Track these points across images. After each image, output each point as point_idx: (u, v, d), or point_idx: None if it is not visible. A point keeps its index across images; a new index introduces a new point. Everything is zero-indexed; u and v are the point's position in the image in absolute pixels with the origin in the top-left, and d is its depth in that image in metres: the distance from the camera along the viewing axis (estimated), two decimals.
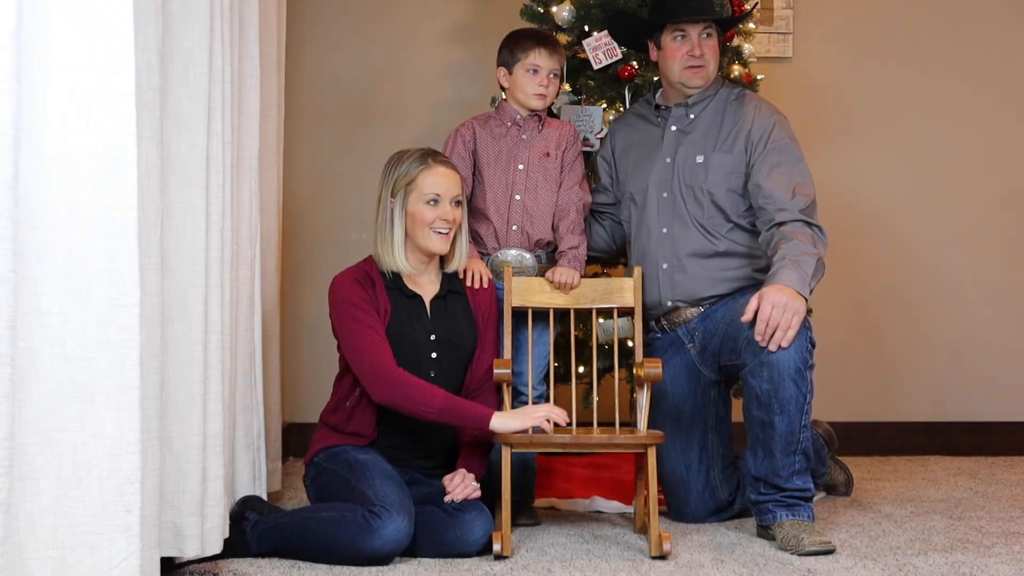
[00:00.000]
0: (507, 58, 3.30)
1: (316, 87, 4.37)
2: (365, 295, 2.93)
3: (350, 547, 2.67)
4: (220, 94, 2.57)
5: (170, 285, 2.41)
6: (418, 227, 2.96)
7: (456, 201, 2.98)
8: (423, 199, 2.95)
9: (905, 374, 4.50)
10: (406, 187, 2.96)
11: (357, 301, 2.91)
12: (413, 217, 2.96)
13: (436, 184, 2.95)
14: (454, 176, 3.00)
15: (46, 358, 1.96)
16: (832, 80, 4.47)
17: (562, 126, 3.38)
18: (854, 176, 4.46)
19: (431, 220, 2.94)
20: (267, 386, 3.37)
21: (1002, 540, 2.98)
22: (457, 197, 2.98)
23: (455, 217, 2.97)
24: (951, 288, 4.50)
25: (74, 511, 1.98)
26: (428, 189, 2.95)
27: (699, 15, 3.23)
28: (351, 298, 2.92)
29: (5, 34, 1.78)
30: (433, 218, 2.95)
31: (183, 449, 2.46)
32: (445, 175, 2.98)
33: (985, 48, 4.51)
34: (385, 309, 2.95)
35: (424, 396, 2.79)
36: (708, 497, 3.24)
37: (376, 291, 2.96)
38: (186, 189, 2.46)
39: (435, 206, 2.95)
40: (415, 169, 2.97)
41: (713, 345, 3.20)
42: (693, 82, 3.28)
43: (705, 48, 3.25)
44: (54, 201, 1.96)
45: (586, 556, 2.81)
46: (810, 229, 3.06)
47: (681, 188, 3.26)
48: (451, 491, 2.83)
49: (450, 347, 3.00)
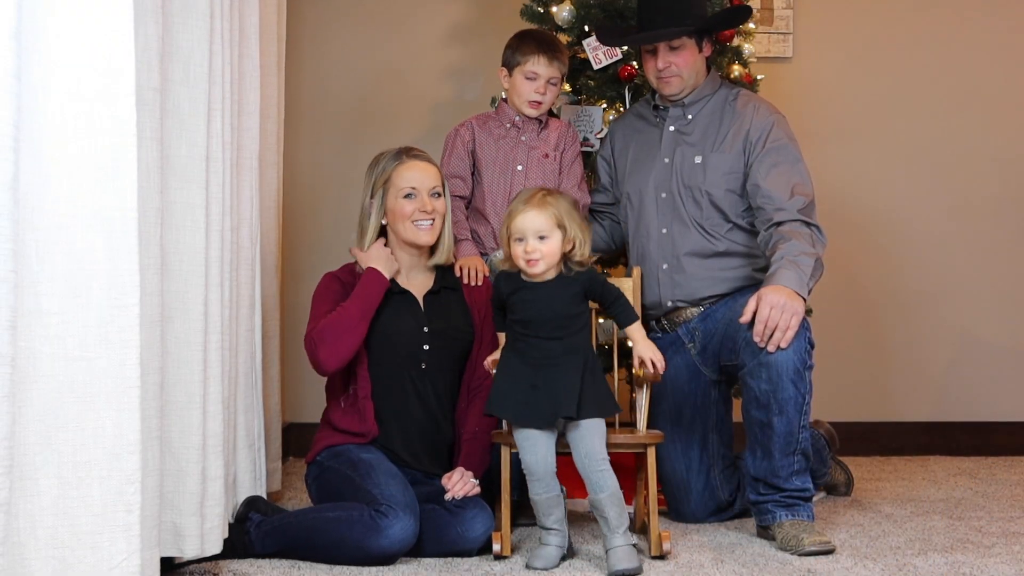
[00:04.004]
0: (508, 59, 3.31)
1: (316, 87, 4.37)
2: (338, 288, 2.98)
3: (357, 547, 2.67)
4: (220, 94, 2.57)
5: (170, 285, 2.41)
6: (399, 222, 2.98)
7: (435, 192, 2.99)
8: (400, 194, 2.98)
9: (905, 374, 4.50)
10: (384, 185, 3.00)
11: (321, 295, 2.98)
12: (393, 213, 2.99)
13: (411, 178, 2.98)
14: (430, 168, 3.02)
15: (46, 358, 1.96)
16: (832, 80, 4.47)
17: (561, 127, 3.38)
18: (854, 176, 4.46)
19: (410, 213, 2.97)
20: (267, 386, 3.37)
21: (1002, 540, 2.98)
22: (435, 188, 2.99)
23: (435, 207, 2.98)
24: (951, 288, 4.50)
25: (74, 511, 1.99)
26: (403, 183, 2.98)
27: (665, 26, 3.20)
28: (317, 295, 2.99)
29: (5, 34, 1.78)
30: (412, 211, 2.97)
31: (183, 449, 2.46)
32: (420, 168, 3.00)
33: (985, 48, 4.50)
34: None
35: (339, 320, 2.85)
36: (708, 497, 3.24)
37: None
38: (186, 189, 2.46)
39: (413, 199, 2.97)
40: (390, 166, 3.01)
41: (713, 345, 3.21)
42: (666, 91, 3.30)
43: (674, 59, 3.24)
44: (54, 201, 1.97)
45: (586, 556, 2.81)
46: (808, 229, 3.06)
47: (680, 188, 3.26)
48: (450, 489, 2.84)
49: (444, 339, 3.00)
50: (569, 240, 2.70)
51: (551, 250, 2.69)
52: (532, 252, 2.68)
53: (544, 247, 2.68)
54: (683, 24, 3.21)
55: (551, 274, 2.73)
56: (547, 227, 2.68)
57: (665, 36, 3.21)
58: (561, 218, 2.69)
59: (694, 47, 3.26)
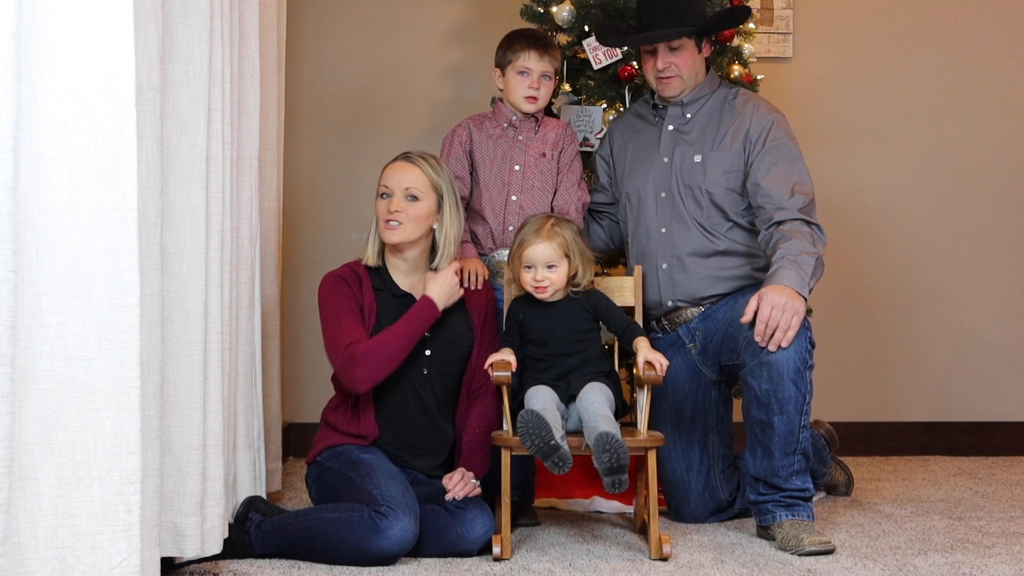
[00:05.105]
0: (500, 59, 3.31)
1: (316, 87, 4.37)
2: (349, 291, 2.96)
3: (356, 548, 2.67)
4: (220, 94, 2.57)
5: (170, 285, 2.41)
6: (378, 221, 3.00)
7: (410, 195, 2.96)
8: (378, 193, 3.00)
9: (905, 374, 4.50)
10: (378, 186, 3.02)
11: (335, 296, 2.95)
12: (375, 211, 3.00)
13: (388, 177, 2.99)
14: (411, 170, 2.99)
15: (46, 358, 1.96)
16: (832, 80, 4.47)
17: (559, 126, 3.38)
18: (854, 176, 4.46)
19: (382, 213, 2.98)
20: (267, 386, 3.37)
21: (1002, 540, 2.98)
22: (410, 191, 2.96)
23: (403, 209, 2.95)
24: (951, 288, 4.50)
25: (74, 511, 1.99)
26: (382, 183, 3.00)
27: (664, 27, 3.21)
28: (330, 296, 2.96)
29: (5, 34, 1.78)
30: (383, 211, 2.97)
31: (183, 449, 2.46)
32: (400, 168, 2.99)
33: (984, 48, 4.50)
34: (371, 308, 2.96)
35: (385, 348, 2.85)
36: (708, 497, 3.24)
37: (362, 288, 2.97)
38: (186, 189, 2.46)
39: (387, 199, 2.97)
40: (384, 168, 3.02)
41: (714, 345, 3.21)
42: (665, 92, 3.30)
43: (674, 59, 3.24)
44: (54, 201, 1.97)
45: (586, 556, 2.81)
46: (809, 228, 3.05)
47: (679, 188, 3.26)
48: (451, 489, 2.84)
49: (444, 345, 3.00)
50: (573, 268, 2.96)
51: (559, 278, 2.96)
52: (542, 280, 2.94)
53: (552, 275, 2.95)
54: (682, 24, 3.21)
55: (559, 295, 2.99)
56: (555, 257, 2.94)
57: (664, 36, 3.21)
58: (567, 247, 2.95)
59: (693, 47, 3.27)
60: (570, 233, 2.97)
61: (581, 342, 2.96)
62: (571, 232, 2.97)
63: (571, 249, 2.94)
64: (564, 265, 2.94)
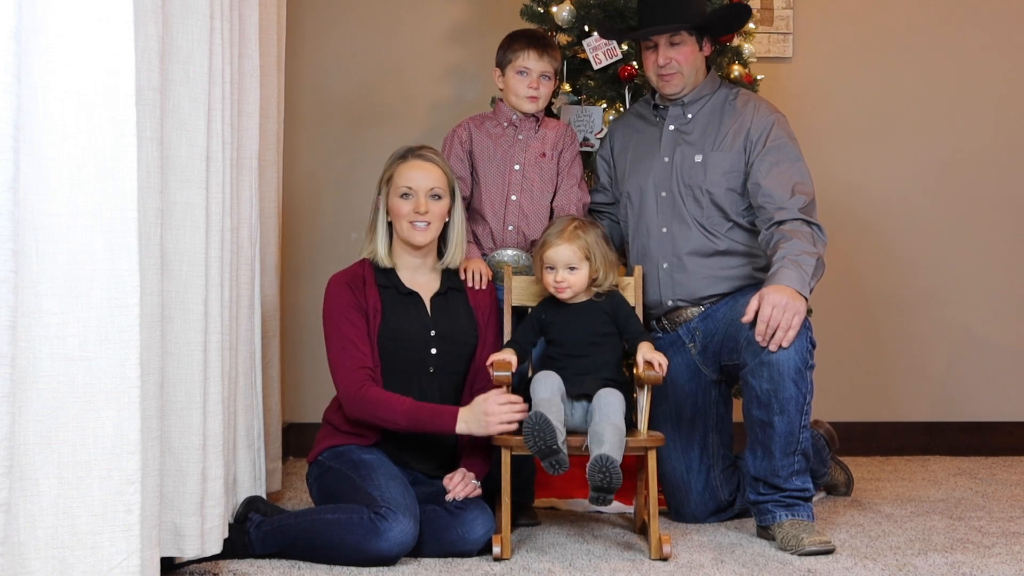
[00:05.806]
0: (500, 59, 3.32)
1: (316, 87, 4.37)
2: (353, 300, 2.96)
3: (356, 549, 2.67)
4: (220, 94, 2.57)
5: (170, 285, 2.41)
6: (396, 220, 2.99)
7: (434, 195, 2.98)
8: (398, 193, 2.99)
9: (905, 374, 4.50)
10: (387, 183, 3.01)
11: (343, 309, 2.94)
12: (392, 211, 3.00)
13: (409, 178, 2.98)
14: (432, 170, 3.00)
15: (46, 358, 1.96)
16: (832, 80, 4.47)
17: (559, 127, 3.38)
18: (854, 176, 4.46)
19: (406, 213, 2.97)
20: (267, 386, 3.37)
21: (1002, 540, 2.98)
22: (435, 191, 2.98)
23: (430, 209, 2.97)
24: (951, 288, 4.50)
25: (74, 511, 1.99)
26: (401, 183, 2.98)
27: (665, 23, 3.21)
28: (337, 306, 2.95)
29: (5, 34, 1.78)
30: (407, 211, 2.97)
31: (183, 449, 2.46)
32: (420, 167, 2.99)
33: (984, 48, 4.50)
34: (376, 308, 2.96)
35: (390, 413, 2.84)
36: (708, 497, 3.24)
37: (366, 291, 2.97)
38: (186, 189, 2.46)
39: (409, 199, 2.97)
40: (394, 165, 3.02)
41: (714, 345, 3.21)
42: (666, 90, 3.30)
43: (675, 55, 3.25)
44: (54, 202, 1.97)
45: (586, 556, 2.81)
46: (809, 228, 3.06)
47: (680, 187, 3.26)
48: (451, 490, 2.84)
49: (451, 343, 3.01)
50: (594, 270, 2.97)
51: (579, 280, 2.97)
52: (562, 282, 2.96)
53: (573, 277, 2.96)
54: (683, 20, 3.21)
55: (582, 297, 3.01)
56: (576, 259, 2.96)
57: (666, 29, 3.21)
58: (589, 250, 2.96)
59: (694, 44, 3.27)
60: (593, 236, 2.98)
61: (597, 345, 2.96)
62: (594, 235, 2.98)
63: (592, 252, 2.96)
64: (585, 267, 2.95)
